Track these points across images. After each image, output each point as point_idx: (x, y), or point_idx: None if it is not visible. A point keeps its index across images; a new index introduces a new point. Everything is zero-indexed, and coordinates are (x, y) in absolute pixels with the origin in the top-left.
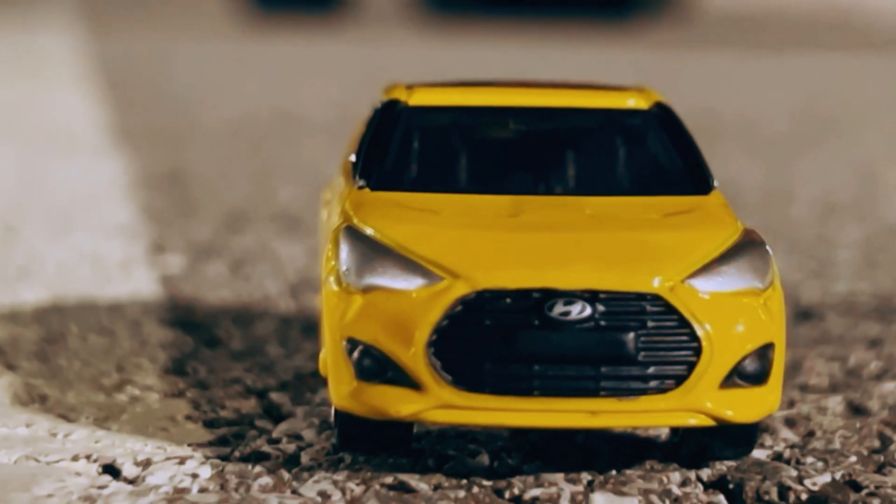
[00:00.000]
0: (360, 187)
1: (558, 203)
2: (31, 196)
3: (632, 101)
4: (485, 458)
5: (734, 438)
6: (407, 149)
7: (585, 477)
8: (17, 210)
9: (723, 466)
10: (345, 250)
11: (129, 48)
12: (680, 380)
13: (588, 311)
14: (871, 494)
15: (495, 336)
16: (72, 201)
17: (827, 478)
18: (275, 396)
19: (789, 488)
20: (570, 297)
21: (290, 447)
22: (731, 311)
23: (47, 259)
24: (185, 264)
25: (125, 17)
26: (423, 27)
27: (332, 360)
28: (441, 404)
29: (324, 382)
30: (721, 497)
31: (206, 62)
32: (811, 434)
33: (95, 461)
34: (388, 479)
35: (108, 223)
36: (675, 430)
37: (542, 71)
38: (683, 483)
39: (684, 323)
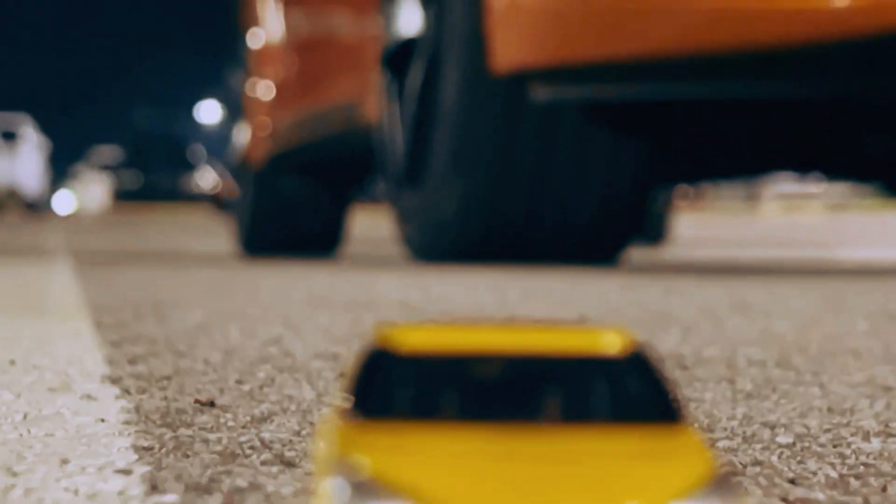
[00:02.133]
0: (350, 422)
1: (534, 436)
2: (28, 434)
3: (608, 346)
4: None
5: None
6: (397, 392)
7: None
8: (13, 449)
9: None
10: (334, 486)
11: (124, 293)
12: None
13: None
14: None
15: None
16: (67, 439)
17: None
18: None
19: None
20: None
21: None
22: None
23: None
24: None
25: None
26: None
27: None
28: None
29: None
30: None
31: (200, 297)
32: None
33: None
34: None
35: (104, 461)
36: None
37: (533, 291)
38: None
39: None
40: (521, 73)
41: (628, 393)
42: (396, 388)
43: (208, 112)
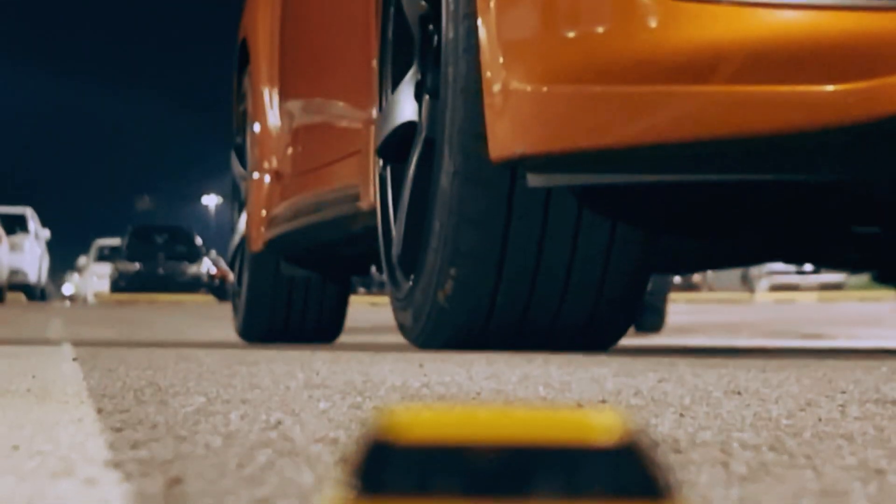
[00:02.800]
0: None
1: None
2: None
3: (603, 431)
4: None
5: None
6: (395, 476)
7: None
8: None
9: None
10: None
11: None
12: None
13: None
14: None
15: None
16: None
17: None
18: None
19: None
20: None
21: None
22: None
23: None
24: None
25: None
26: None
27: None
28: None
29: None
30: None
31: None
32: None
33: None
34: None
35: None
36: None
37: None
38: None
39: None
40: (517, 161)
41: (621, 476)
42: (394, 472)
43: (208, 202)
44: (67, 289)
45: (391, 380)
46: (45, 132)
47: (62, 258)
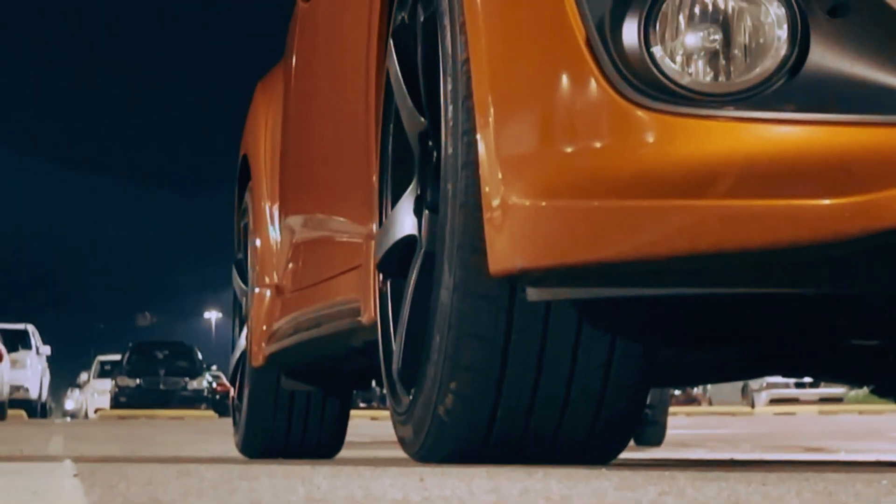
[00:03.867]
0: None
1: None
2: None
3: None
4: None
5: None
6: None
7: None
8: None
9: None
10: None
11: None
12: None
13: None
14: None
15: None
16: None
17: None
18: None
19: None
20: None
21: None
22: None
23: None
24: None
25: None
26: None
27: None
28: None
29: None
30: None
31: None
32: None
33: None
34: None
35: None
36: None
37: None
38: None
39: None
40: (516, 276)
41: None
42: None
43: (210, 317)
44: (69, 404)
45: (392, 493)
46: (46, 248)
47: (64, 374)
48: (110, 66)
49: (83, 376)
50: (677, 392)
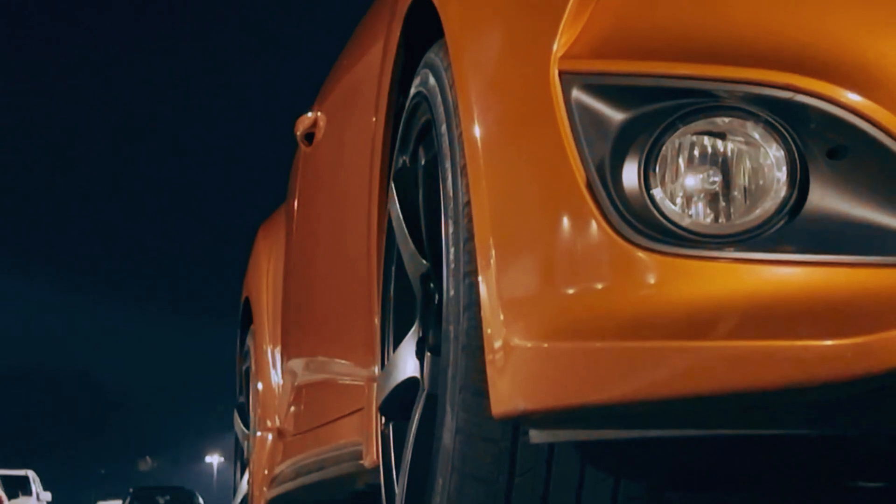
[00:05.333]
0: None
1: None
2: None
3: None
4: None
5: None
6: None
7: None
8: None
9: None
10: None
11: None
12: None
13: None
14: None
15: None
16: None
17: None
18: None
19: None
20: None
21: None
22: None
23: None
24: None
25: None
26: None
27: None
28: None
29: None
30: None
31: None
32: None
33: None
34: None
35: None
36: None
37: None
38: None
39: None
40: (519, 418)
41: None
42: None
43: (212, 461)
44: None
45: None
46: (47, 392)
47: None
48: (106, 214)
49: None
50: None
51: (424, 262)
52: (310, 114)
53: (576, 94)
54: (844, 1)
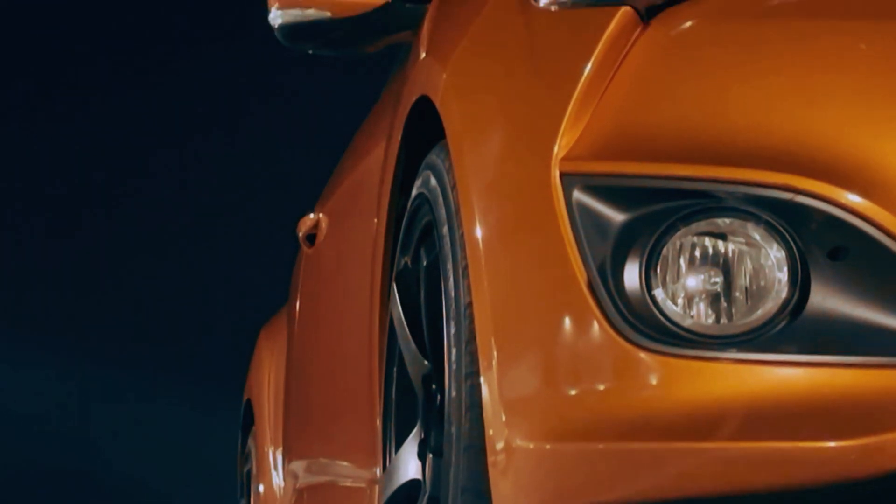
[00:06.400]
0: None
1: None
2: None
3: None
4: None
5: None
6: None
7: None
8: None
9: None
10: None
11: None
12: None
13: None
14: None
15: None
16: None
17: None
18: None
19: None
20: None
21: None
22: None
23: None
24: None
25: None
26: None
27: None
28: None
29: None
30: None
31: None
32: None
33: None
34: None
35: None
36: None
37: None
38: None
39: None
40: None
41: None
42: None
43: None
44: None
45: None
46: (42, 492)
47: None
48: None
49: None
50: None
51: (426, 362)
52: (311, 215)
53: (577, 195)
54: (843, 102)
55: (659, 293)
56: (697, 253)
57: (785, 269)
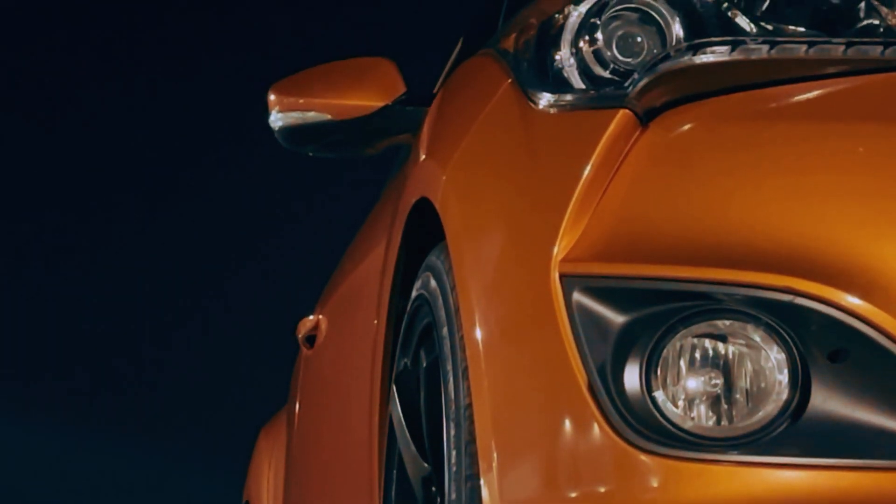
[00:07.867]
0: None
1: None
2: None
3: None
4: None
5: None
6: None
7: None
8: None
9: None
10: None
11: None
12: None
13: None
14: None
15: None
16: None
17: None
18: None
19: None
20: None
21: None
22: None
23: None
24: None
25: None
26: None
27: None
28: None
29: None
30: None
31: None
32: None
33: None
34: None
35: None
36: None
37: None
38: None
39: None
40: None
41: None
42: None
43: None
44: None
45: None
46: None
47: None
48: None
49: None
50: None
51: (426, 464)
52: (311, 317)
53: (576, 296)
54: (842, 203)
55: (659, 395)
56: (698, 355)
57: (785, 371)
